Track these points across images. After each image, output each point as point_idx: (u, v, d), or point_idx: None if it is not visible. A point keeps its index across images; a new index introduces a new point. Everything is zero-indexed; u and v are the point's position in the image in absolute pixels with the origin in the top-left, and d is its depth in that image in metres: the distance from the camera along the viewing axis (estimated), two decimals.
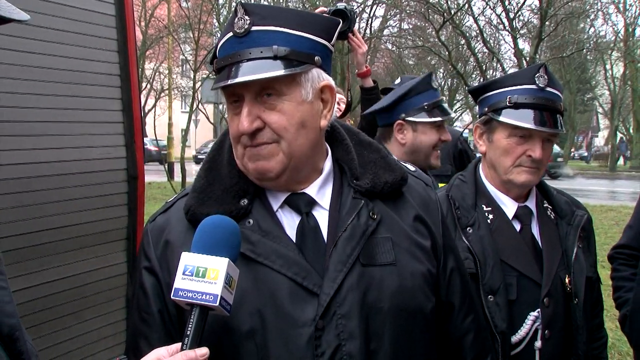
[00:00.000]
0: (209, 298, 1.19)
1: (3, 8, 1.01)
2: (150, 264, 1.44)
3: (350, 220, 1.41)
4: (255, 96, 1.36)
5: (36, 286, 2.82)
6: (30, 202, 2.83)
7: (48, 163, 2.92)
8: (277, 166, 1.38)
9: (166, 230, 1.45)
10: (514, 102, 2.04)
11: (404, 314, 1.40)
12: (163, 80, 27.88)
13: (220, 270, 1.20)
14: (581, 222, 2.14)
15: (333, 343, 1.33)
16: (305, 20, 1.39)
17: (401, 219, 1.48)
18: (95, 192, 3.13)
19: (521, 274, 2.00)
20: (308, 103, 1.39)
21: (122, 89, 3.31)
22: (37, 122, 2.88)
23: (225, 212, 1.37)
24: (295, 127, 1.37)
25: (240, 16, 1.35)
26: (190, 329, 1.19)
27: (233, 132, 1.40)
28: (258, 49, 1.34)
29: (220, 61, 1.38)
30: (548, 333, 1.98)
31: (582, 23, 25.14)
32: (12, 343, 1.11)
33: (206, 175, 1.47)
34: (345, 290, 1.35)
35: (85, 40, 3.10)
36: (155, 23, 24.70)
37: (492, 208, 2.09)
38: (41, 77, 2.89)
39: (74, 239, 3.02)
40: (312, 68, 1.39)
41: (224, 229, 1.27)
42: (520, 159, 2.04)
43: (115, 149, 3.28)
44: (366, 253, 1.39)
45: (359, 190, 1.45)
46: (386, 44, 26.20)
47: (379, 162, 1.51)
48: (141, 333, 1.43)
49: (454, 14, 15.65)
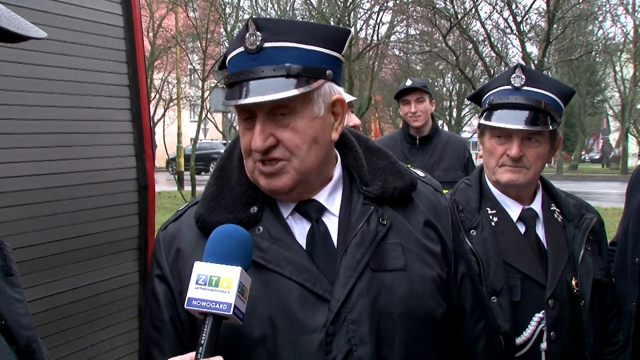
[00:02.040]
0: (223, 307, 1.20)
1: (22, 26, 1.03)
2: (161, 271, 1.45)
3: (360, 226, 1.41)
4: (268, 114, 1.36)
5: (49, 296, 2.83)
6: (42, 213, 2.85)
7: (59, 174, 2.94)
8: (288, 182, 1.39)
9: (177, 239, 1.46)
10: (491, 104, 2.09)
11: (414, 319, 1.40)
12: (171, 90, 28.03)
13: (233, 280, 1.21)
14: (590, 225, 2.13)
15: (344, 348, 1.33)
16: (316, 33, 1.39)
17: (411, 225, 1.48)
18: (106, 202, 3.15)
19: (525, 275, 2.00)
20: (320, 118, 1.40)
21: (131, 99, 3.33)
22: (47, 134, 2.91)
23: (235, 220, 1.38)
24: (307, 144, 1.38)
25: (251, 32, 1.35)
26: (204, 338, 1.19)
27: (245, 146, 1.40)
28: (271, 67, 1.34)
29: (231, 76, 1.38)
30: (554, 335, 1.98)
31: (590, 25, 25.05)
32: (29, 355, 1.12)
33: (216, 183, 1.48)
34: (356, 296, 1.36)
35: (94, 52, 3.13)
36: (163, 33, 24.87)
37: (496, 211, 2.11)
38: (51, 89, 2.92)
39: (85, 249, 3.04)
40: (325, 83, 1.39)
41: (235, 238, 1.28)
42: (502, 158, 2.07)
43: (125, 159, 3.30)
44: (376, 259, 1.40)
45: (368, 196, 1.46)
46: (393, 50, 26.21)
47: (388, 168, 1.51)
48: (154, 341, 1.44)
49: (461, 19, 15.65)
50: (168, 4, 22.52)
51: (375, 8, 20.59)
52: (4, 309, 1.11)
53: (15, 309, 1.14)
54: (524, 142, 2.04)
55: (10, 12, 1.03)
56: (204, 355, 1.18)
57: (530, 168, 2.07)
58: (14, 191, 2.72)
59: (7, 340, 1.07)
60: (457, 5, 15.67)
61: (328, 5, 20.27)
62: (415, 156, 4.50)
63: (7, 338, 1.08)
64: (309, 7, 20.40)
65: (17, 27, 1.02)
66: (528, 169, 2.07)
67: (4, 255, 1.19)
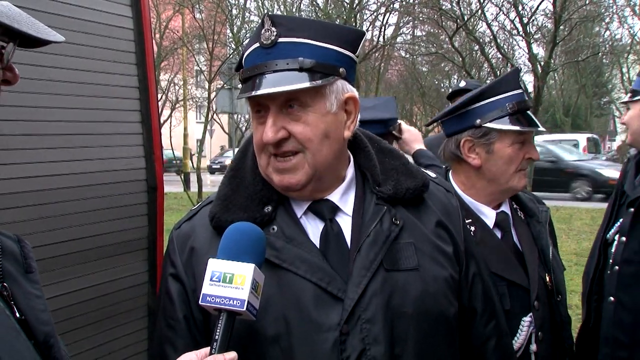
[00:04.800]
0: (236, 303, 1.22)
1: (42, 31, 1.05)
2: (175, 270, 1.47)
3: (373, 225, 1.43)
4: (280, 107, 1.38)
5: (58, 296, 2.85)
6: (52, 214, 2.87)
7: (68, 175, 2.96)
8: (302, 178, 1.40)
9: (191, 238, 1.48)
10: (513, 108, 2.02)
11: (427, 319, 1.42)
12: (178, 91, 28.14)
13: (246, 276, 1.23)
14: (547, 218, 2.14)
15: (358, 347, 1.34)
16: (330, 31, 1.41)
17: (423, 225, 1.49)
18: (115, 203, 3.17)
19: (510, 282, 1.98)
20: (332, 114, 1.41)
21: (140, 100, 3.35)
22: (58, 135, 2.93)
23: (249, 219, 1.40)
24: (319, 137, 1.39)
25: (267, 27, 1.37)
26: (219, 333, 1.22)
27: (257, 141, 1.42)
28: (284, 61, 1.36)
29: (246, 71, 1.41)
30: (541, 335, 1.99)
31: (597, 26, 24.97)
32: (47, 350, 1.15)
33: (230, 183, 1.50)
34: (370, 295, 1.37)
35: (104, 54, 3.15)
36: (170, 35, 24.95)
37: (472, 219, 2.03)
38: (60, 90, 2.94)
39: (94, 250, 3.06)
40: (337, 80, 1.41)
41: (249, 235, 1.30)
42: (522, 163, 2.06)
43: (134, 160, 3.32)
44: (389, 258, 1.41)
45: (381, 197, 1.47)
46: (399, 51, 26.20)
47: (400, 169, 1.53)
48: (167, 339, 1.46)
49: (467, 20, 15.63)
50: (175, 6, 22.59)
51: (382, 9, 20.62)
52: (24, 305, 1.14)
53: (35, 305, 1.17)
54: None
55: (30, 18, 1.06)
56: (219, 350, 1.21)
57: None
58: (24, 192, 2.74)
59: (26, 335, 1.10)
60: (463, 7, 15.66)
61: (334, 7, 20.29)
62: None
63: (26, 333, 1.10)
64: (315, 9, 20.42)
65: (38, 32, 1.05)
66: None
67: (24, 253, 1.22)
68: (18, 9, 1.06)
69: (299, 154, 1.40)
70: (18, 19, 1.04)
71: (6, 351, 1.02)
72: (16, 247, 1.23)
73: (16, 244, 1.23)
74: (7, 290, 1.12)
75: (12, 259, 1.19)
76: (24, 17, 1.05)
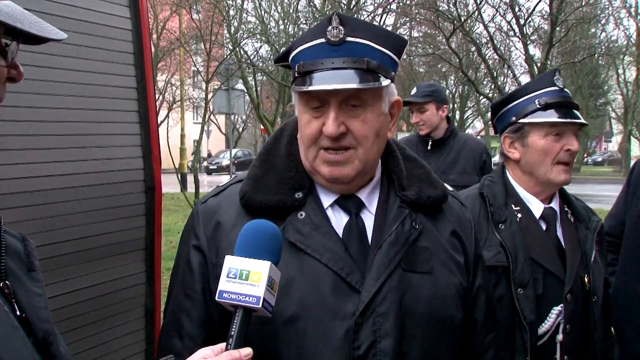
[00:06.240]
0: (252, 300, 1.24)
1: (43, 29, 1.07)
2: (199, 242, 1.51)
3: (395, 226, 1.49)
4: (340, 103, 1.43)
5: (57, 296, 2.86)
6: (50, 214, 2.88)
7: (66, 175, 2.97)
8: (352, 172, 1.47)
9: (218, 212, 1.52)
10: (543, 103, 2.16)
11: (435, 321, 1.48)
12: (175, 92, 28.13)
13: (262, 273, 1.26)
14: (597, 227, 2.26)
15: (369, 339, 1.40)
16: (388, 38, 1.50)
17: (439, 233, 1.56)
18: (113, 203, 3.17)
19: (547, 270, 2.11)
20: (384, 115, 1.50)
21: (138, 101, 3.36)
22: (55, 136, 2.93)
23: (279, 202, 1.47)
24: (374, 135, 1.46)
25: (335, 25, 1.43)
26: (234, 329, 1.24)
27: (311, 134, 1.46)
28: (352, 59, 1.42)
29: (308, 65, 1.44)
30: (569, 327, 2.09)
31: (593, 28, 25.04)
32: (46, 347, 1.16)
33: (262, 166, 1.55)
34: (386, 291, 1.43)
35: (102, 54, 3.15)
36: (167, 35, 24.95)
37: (520, 208, 2.19)
38: (58, 90, 2.95)
39: (93, 250, 3.06)
40: (391, 83, 1.49)
41: (265, 233, 1.33)
42: (559, 155, 2.14)
43: (132, 161, 3.33)
44: (407, 259, 1.48)
45: (405, 200, 1.54)
46: None
47: (423, 178, 1.60)
48: (184, 309, 1.50)
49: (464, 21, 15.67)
50: (172, 6, 22.58)
51: (379, 10, 20.64)
52: (25, 302, 1.16)
53: (36, 303, 1.19)
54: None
55: (32, 16, 1.07)
56: (234, 346, 1.23)
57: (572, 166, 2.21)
58: (21, 192, 2.75)
59: (25, 332, 1.11)
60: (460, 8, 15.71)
61: (331, 8, 20.32)
62: (430, 159, 4.52)
63: (26, 330, 1.12)
64: (312, 10, 20.44)
65: (40, 30, 1.06)
66: (572, 168, 2.21)
67: (28, 251, 1.24)
68: (20, 8, 1.07)
69: (351, 149, 1.45)
70: (21, 17, 1.05)
71: (4, 347, 1.03)
72: (20, 245, 1.25)
73: (20, 242, 1.26)
74: (9, 288, 1.14)
75: (15, 257, 1.21)
76: (26, 15, 1.06)
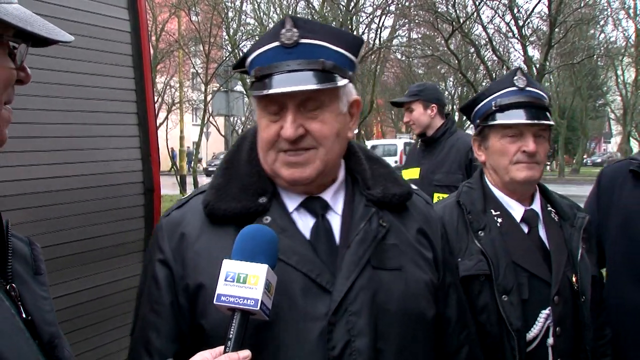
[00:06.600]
0: (250, 303, 1.25)
1: (51, 31, 1.07)
2: (164, 256, 1.49)
3: (362, 224, 1.49)
4: (298, 105, 1.43)
5: (56, 298, 2.85)
6: (49, 216, 2.88)
7: (65, 177, 2.97)
8: (312, 173, 1.46)
9: (182, 224, 1.50)
10: (499, 105, 2.15)
11: (409, 318, 1.47)
12: (174, 94, 28.12)
13: (260, 276, 1.26)
14: (583, 224, 2.21)
15: (343, 338, 1.39)
16: (343, 37, 1.50)
17: (406, 230, 1.56)
18: (112, 205, 3.18)
19: (532, 274, 2.07)
20: (343, 115, 1.49)
21: (137, 103, 3.37)
22: (55, 138, 2.94)
23: (243, 209, 1.45)
24: (333, 136, 1.46)
25: (288, 28, 1.43)
26: (233, 332, 1.24)
27: (269, 137, 1.45)
28: (306, 61, 1.42)
29: (264, 69, 1.44)
30: (559, 330, 2.05)
31: (592, 29, 25.07)
32: (51, 350, 1.17)
33: (224, 174, 1.54)
34: (357, 289, 1.42)
35: (101, 57, 3.16)
36: (166, 37, 24.97)
37: (500, 212, 2.15)
38: (58, 93, 2.95)
39: (92, 252, 3.07)
40: (349, 83, 1.48)
41: (262, 237, 1.34)
42: (515, 156, 2.11)
43: (131, 163, 3.33)
44: (376, 257, 1.47)
45: (370, 199, 1.53)
46: (395, 53, 26.28)
47: (387, 176, 1.60)
48: (152, 324, 1.48)
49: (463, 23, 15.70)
50: (171, 8, 22.61)
51: (378, 12, 20.66)
52: (31, 305, 1.16)
53: (42, 306, 1.19)
54: (535, 138, 2.12)
55: (39, 18, 1.07)
56: (233, 349, 1.23)
57: (540, 164, 2.15)
58: (21, 194, 2.75)
59: (30, 335, 1.12)
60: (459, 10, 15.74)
61: (330, 10, 20.34)
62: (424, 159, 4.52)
63: (31, 333, 1.12)
64: (311, 11, 20.47)
65: (48, 33, 1.06)
66: (539, 165, 2.14)
67: (34, 255, 1.24)
68: (28, 10, 1.08)
69: (311, 150, 1.45)
70: (30, 20, 1.05)
71: (10, 349, 1.04)
72: (27, 249, 1.25)
73: (27, 246, 1.26)
74: (15, 291, 1.14)
75: (22, 260, 1.21)
76: (35, 18, 1.07)
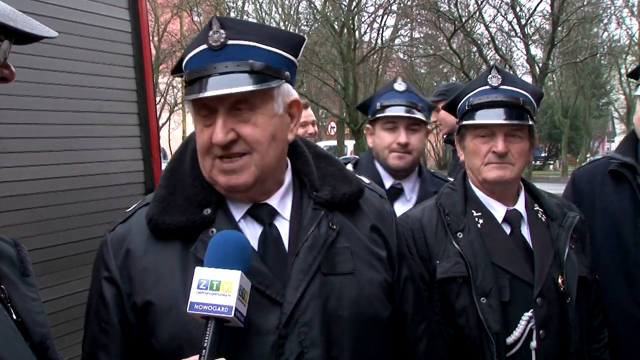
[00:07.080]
0: (224, 310, 1.22)
1: (35, 27, 1.06)
2: (110, 274, 1.44)
3: (311, 230, 1.44)
4: (229, 109, 1.38)
5: (56, 299, 2.86)
6: (50, 217, 2.88)
7: (67, 178, 2.97)
8: (249, 179, 1.40)
9: (127, 240, 1.45)
10: (471, 104, 2.12)
11: (362, 322, 1.44)
12: (176, 94, 28.14)
13: (233, 283, 1.23)
14: (573, 224, 2.16)
15: (296, 350, 1.35)
16: (277, 36, 1.44)
17: (359, 230, 1.52)
18: (113, 206, 3.17)
19: (513, 275, 2.02)
20: (279, 117, 1.43)
21: (138, 103, 3.36)
22: (56, 138, 2.93)
23: (188, 222, 1.40)
24: (267, 139, 1.40)
25: (215, 29, 1.38)
26: (207, 341, 1.21)
27: (203, 143, 1.41)
28: (234, 63, 1.36)
29: (193, 73, 1.40)
30: (543, 333, 2.00)
31: (595, 28, 25.03)
32: (43, 351, 1.16)
33: (167, 185, 1.48)
34: (308, 299, 1.38)
35: (102, 57, 3.16)
36: (168, 38, 25.00)
37: (481, 213, 2.12)
38: (59, 93, 2.95)
39: (92, 252, 3.04)
40: (284, 83, 1.43)
41: (234, 243, 1.30)
42: (487, 157, 2.08)
43: (133, 163, 3.32)
44: (327, 262, 1.43)
45: (318, 202, 1.49)
46: (398, 53, 26.26)
47: (337, 175, 1.55)
48: (100, 344, 1.44)
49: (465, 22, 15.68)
50: (173, 9, 22.63)
51: (380, 12, 20.66)
52: (20, 307, 1.16)
53: (31, 307, 1.19)
54: (508, 138, 2.08)
55: (23, 15, 1.06)
56: (207, 357, 1.20)
57: (515, 164, 2.09)
58: (22, 194, 2.74)
59: (22, 336, 1.11)
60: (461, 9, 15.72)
61: (332, 10, 20.34)
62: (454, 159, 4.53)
63: (22, 334, 1.12)
64: (313, 11, 20.47)
65: (32, 28, 1.05)
66: (513, 165, 2.09)
67: (21, 257, 1.23)
68: (10, 7, 1.06)
69: (245, 156, 1.39)
70: (12, 16, 1.04)
71: (6, 348, 1.03)
72: (13, 250, 1.24)
73: (13, 247, 1.25)
74: (4, 293, 1.14)
75: (8, 262, 1.21)
76: (17, 14, 1.06)
